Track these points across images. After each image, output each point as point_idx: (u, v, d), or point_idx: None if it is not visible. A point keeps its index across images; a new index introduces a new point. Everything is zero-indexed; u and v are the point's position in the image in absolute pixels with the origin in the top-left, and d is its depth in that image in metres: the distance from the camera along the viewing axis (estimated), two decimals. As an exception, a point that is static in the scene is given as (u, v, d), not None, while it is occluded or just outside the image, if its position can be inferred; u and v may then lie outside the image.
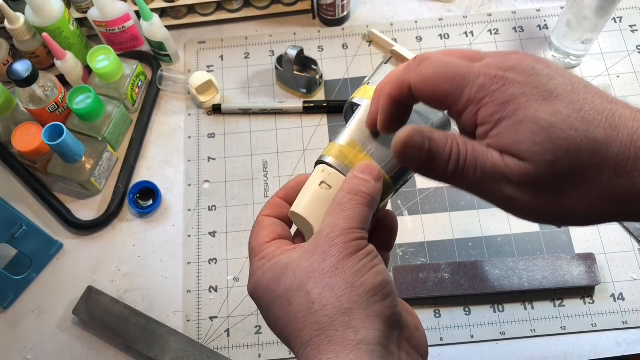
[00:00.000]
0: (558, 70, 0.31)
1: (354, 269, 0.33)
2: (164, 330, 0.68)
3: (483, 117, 0.31)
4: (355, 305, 0.32)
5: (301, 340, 0.33)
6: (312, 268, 0.33)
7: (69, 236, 0.76)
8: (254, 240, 0.38)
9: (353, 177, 0.36)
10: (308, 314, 0.32)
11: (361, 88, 0.41)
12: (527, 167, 0.30)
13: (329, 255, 0.33)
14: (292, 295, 0.33)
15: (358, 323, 0.31)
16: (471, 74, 0.31)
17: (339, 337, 0.31)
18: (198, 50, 0.87)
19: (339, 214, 0.35)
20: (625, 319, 0.67)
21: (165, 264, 0.74)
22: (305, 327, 0.32)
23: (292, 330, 0.33)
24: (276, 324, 0.35)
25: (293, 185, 0.40)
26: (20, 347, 0.70)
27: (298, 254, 0.35)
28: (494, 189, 0.33)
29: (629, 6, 0.85)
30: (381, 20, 0.87)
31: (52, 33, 0.76)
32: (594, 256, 0.68)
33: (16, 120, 0.75)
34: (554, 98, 0.29)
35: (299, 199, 0.38)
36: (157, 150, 0.80)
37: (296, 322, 0.33)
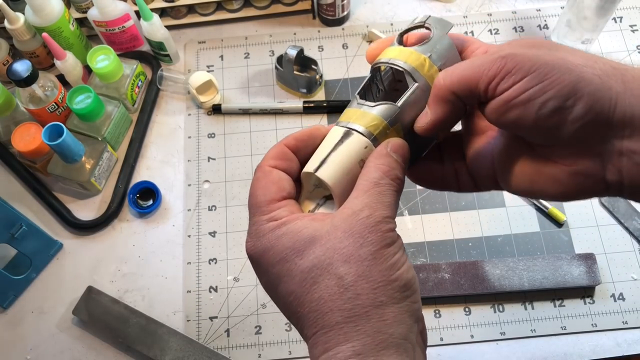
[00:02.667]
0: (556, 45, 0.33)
1: (390, 261, 0.32)
2: (163, 331, 0.68)
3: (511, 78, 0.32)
4: (390, 300, 0.31)
5: (322, 322, 0.31)
6: (347, 251, 0.31)
7: (69, 236, 0.76)
8: (261, 195, 0.35)
9: (388, 155, 0.34)
10: (338, 299, 0.31)
11: (394, 48, 0.37)
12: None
13: (368, 242, 0.31)
14: (320, 275, 0.31)
15: (390, 317, 0.31)
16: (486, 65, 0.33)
17: (370, 329, 0.31)
18: (198, 50, 0.87)
19: (377, 197, 0.33)
20: (625, 319, 0.67)
21: (165, 264, 0.74)
22: (331, 310, 0.31)
23: (311, 310, 0.31)
24: (287, 297, 0.33)
25: (305, 137, 0.37)
26: (20, 347, 0.70)
27: (326, 228, 0.32)
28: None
29: (629, 6, 0.85)
30: (381, 20, 0.87)
31: (52, 33, 0.75)
32: (594, 256, 0.68)
33: (16, 120, 0.75)
34: (575, 53, 0.32)
35: (327, 165, 0.34)
36: (157, 150, 0.80)
37: (320, 303, 0.31)
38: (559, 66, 0.30)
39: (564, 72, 0.30)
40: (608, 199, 0.72)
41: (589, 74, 0.30)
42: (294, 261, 0.32)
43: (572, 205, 0.73)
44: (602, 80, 0.30)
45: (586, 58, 0.31)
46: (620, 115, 0.30)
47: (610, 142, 0.31)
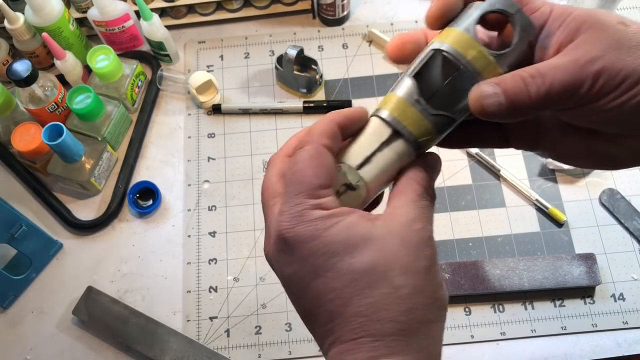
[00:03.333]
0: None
1: (437, 280, 0.31)
2: (163, 331, 0.68)
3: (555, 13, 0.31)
4: (435, 318, 0.31)
5: (371, 329, 0.29)
6: (404, 262, 0.30)
7: (69, 236, 0.76)
8: (313, 176, 0.31)
9: (429, 169, 0.34)
10: (394, 310, 0.29)
11: (466, 38, 0.32)
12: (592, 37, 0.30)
13: (423, 256, 0.30)
14: (376, 280, 0.30)
15: (434, 336, 0.31)
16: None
17: (418, 346, 0.30)
18: (198, 50, 0.87)
19: (424, 211, 0.32)
20: (625, 319, 0.67)
21: (165, 264, 0.73)
22: (384, 320, 0.30)
23: (358, 315, 0.30)
24: (325, 293, 0.30)
25: (356, 119, 0.34)
26: (20, 347, 0.70)
27: (380, 230, 0.31)
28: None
29: (629, 6, 0.85)
30: (381, 20, 0.87)
31: (51, 33, 0.75)
32: (595, 256, 0.68)
33: (16, 120, 0.75)
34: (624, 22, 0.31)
35: (371, 166, 0.33)
36: (157, 150, 0.80)
37: (372, 310, 0.29)
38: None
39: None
40: (608, 199, 0.72)
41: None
42: (344, 258, 0.30)
43: (572, 206, 0.73)
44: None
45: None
46: None
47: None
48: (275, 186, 0.34)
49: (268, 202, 0.34)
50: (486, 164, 0.75)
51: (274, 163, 0.36)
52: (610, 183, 0.74)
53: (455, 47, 0.31)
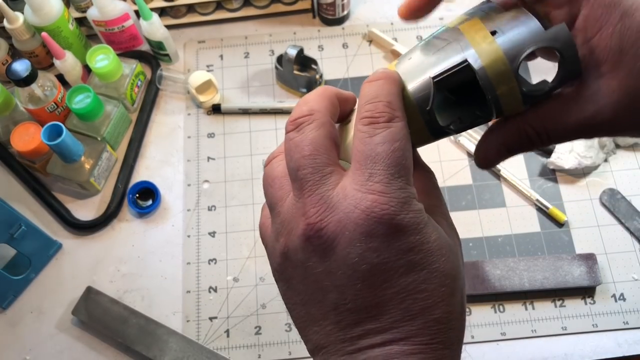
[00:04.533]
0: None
1: None
2: (163, 331, 0.68)
3: (585, 19, 0.28)
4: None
5: (444, 338, 0.28)
6: (463, 274, 0.30)
7: (68, 236, 0.76)
8: (409, 158, 0.28)
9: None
10: (460, 319, 0.29)
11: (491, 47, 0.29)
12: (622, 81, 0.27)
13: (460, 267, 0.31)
14: (456, 289, 0.28)
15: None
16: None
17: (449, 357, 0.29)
18: (197, 49, 0.86)
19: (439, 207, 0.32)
20: (626, 320, 0.67)
21: (165, 264, 0.73)
22: (454, 330, 0.29)
23: (440, 321, 0.28)
24: (416, 294, 0.27)
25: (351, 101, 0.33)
26: (19, 348, 0.70)
27: (447, 235, 0.30)
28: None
29: (630, 5, 0.85)
30: (381, 20, 0.87)
31: (51, 32, 0.75)
32: (595, 256, 0.68)
33: (15, 120, 0.74)
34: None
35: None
36: (157, 150, 0.80)
37: (450, 318, 0.28)
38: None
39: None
40: (609, 199, 0.72)
41: None
42: (439, 260, 0.28)
43: (572, 206, 0.73)
44: None
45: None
46: None
47: None
48: (332, 152, 0.29)
49: (324, 168, 0.29)
50: (486, 163, 0.75)
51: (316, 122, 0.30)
52: (611, 183, 0.74)
53: (489, 74, 0.29)
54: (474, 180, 0.75)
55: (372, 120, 0.28)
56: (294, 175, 0.29)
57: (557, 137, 0.30)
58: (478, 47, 0.29)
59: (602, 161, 0.74)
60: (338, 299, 0.28)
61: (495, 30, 0.29)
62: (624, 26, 0.27)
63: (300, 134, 0.29)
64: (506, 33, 0.28)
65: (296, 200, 0.29)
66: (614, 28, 0.27)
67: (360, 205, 0.27)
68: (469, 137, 0.77)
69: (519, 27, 0.28)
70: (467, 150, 0.77)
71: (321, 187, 0.28)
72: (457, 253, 0.30)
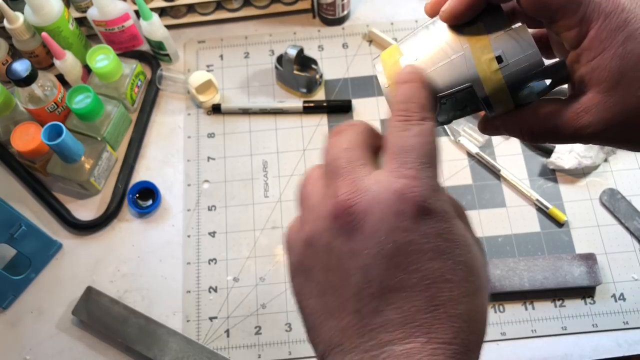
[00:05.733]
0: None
1: None
2: (163, 331, 0.68)
3: (591, 40, 0.29)
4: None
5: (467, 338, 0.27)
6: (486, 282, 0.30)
7: (68, 236, 0.76)
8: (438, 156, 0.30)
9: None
10: (481, 325, 0.28)
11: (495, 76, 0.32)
12: (618, 101, 0.30)
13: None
14: (479, 289, 0.28)
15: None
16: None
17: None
18: (197, 49, 0.86)
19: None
20: (626, 319, 0.67)
21: (165, 264, 0.73)
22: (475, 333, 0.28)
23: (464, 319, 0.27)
24: (442, 283, 0.27)
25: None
26: (19, 348, 0.70)
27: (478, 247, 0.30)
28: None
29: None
30: (381, 20, 0.87)
31: (51, 32, 0.75)
32: (595, 256, 0.68)
33: (15, 119, 0.74)
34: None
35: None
36: (157, 150, 0.80)
37: (472, 319, 0.27)
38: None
39: None
40: (609, 199, 0.72)
41: None
42: (464, 253, 0.28)
43: (572, 206, 0.73)
44: None
45: None
46: None
47: None
48: (368, 151, 0.30)
49: (357, 160, 0.29)
50: (486, 163, 0.75)
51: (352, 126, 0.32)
52: (611, 183, 0.74)
53: (491, 100, 0.32)
54: (474, 180, 0.75)
55: (406, 117, 0.29)
56: (329, 166, 0.30)
57: (553, 139, 0.32)
58: (484, 73, 0.31)
59: (602, 161, 0.75)
60: (361, 281, 0.27)
61: (500, 56, 0.31)
62: (626, 50, 0.28)
63: (340, 135, 0.31)
64: (510, 63, 0.31)
65: (327, 187, 0.29)
66: (616, 50, 0.29)
67: (392, 187, 0.27)
68: (469, 137, 0.77)
69: (524, 59, 0.31)
70: (467, 150, 0.77)
71: (354, 174, 0.28)
72: (482, 257, 0.30)
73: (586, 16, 0.29)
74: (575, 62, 0.31)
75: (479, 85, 0.31)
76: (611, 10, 0.29)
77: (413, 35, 0.34)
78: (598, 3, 0.29)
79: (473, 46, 0.31)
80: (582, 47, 0.30)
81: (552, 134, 0.32)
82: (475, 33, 0.31)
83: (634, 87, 0.29)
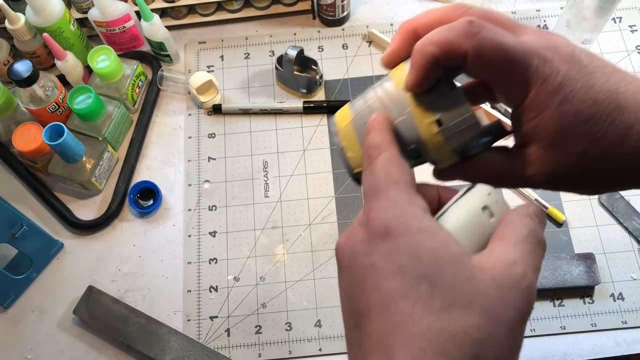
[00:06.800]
0: (592, 53, 0.32)
1: (519, 342, 0.28)
2: (164, 330, 0.68)
3: (531, 101, 0.31)
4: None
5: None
6: (489, 302, 0.27)
7: (70, 236, 0.76)
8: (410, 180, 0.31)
9: (531, 217, 0.32)
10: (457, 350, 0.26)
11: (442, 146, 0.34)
12: (557, 156, 0.32)
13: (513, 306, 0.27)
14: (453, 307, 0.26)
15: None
16: (527, 53, 0.31)
17: None
18: (198, 50, 0.87)
19: (529, 255, 0.29)
20: (624, 319, 0.67)
21: (166, 263, 0.74)
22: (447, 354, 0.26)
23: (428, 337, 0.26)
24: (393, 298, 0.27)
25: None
26: (20, 347, 0.70)
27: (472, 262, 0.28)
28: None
29: (628, 6, 0.85)
30: (381, 20, 0.87)
31: (52, 33, 0.76)
32: (594, 256, 0.68)
33: (17, 120, 0.75)
34: (594, 85, 0.30)
35: (447, 214, 0.32)
36: (158, 150, 0.80)
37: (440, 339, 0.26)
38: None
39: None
40: (608, 199, 0.73)
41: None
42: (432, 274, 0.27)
43: (571, 205, 0.73)
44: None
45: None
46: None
47: None
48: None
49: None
50: (486, 164, 0.76)
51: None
52: (610, 183, 0.74)
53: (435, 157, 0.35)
54: (473, 180, 0.75)
55: (368, 161, 0.33)
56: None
57: (503, 185, 0.35)
58: (426, 136, 0.34)
59: (601, 161, 0.75)
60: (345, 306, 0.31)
61: (440, 119, 0.33)
62: (562, 110, 0.30)
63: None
64: (449, 126, 0.33)
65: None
66: (554, 112, 0.31)
67: (358, 220, 0.31)
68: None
69: (461, 122, 0.33)
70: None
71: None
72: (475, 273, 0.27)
73: (527, 79, 0.31)
74: (518, 118, 0.33)
75: (424, 147, 0.34)
76: (549, 74, 0.31)
77: (362, 97, 0.36)
78: (537, 67, 0.31)
79: (415, 110, 0.34)
80: (524, 106, 0.32)
81: (502, 181, 0.35)
82: (417, 97, 0.34)
83: (571, 145, 0.31)
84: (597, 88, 0.30)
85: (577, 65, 0.31)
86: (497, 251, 0.29)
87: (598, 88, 0.30)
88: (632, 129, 0.30)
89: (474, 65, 0.31)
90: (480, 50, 0.30)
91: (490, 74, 0.32)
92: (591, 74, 0.31)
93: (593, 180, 0.32)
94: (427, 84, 0.33)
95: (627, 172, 0.32)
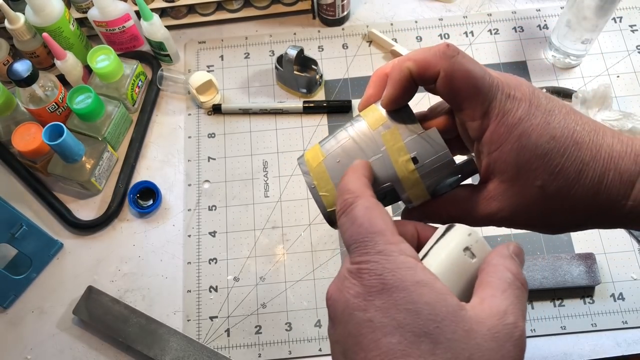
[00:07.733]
0: (550, 95, 0.34)
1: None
2: (164, 330, 0.68)
3: (491, 134, 0.32)
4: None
5: None
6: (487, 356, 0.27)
7: (69, 236, 0.76)
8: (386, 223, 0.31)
9: (512, 257, 0.31)
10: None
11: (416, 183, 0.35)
12: (517, 191, 0.33)
13: (509, 357, 0.28)
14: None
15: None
16: (493, 86, 0.32)
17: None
18: (198, 50, 0.87)
19: (516, 302, 0.29)
20: (625, 319, 0.67)
21: (165, 263, 0.74)
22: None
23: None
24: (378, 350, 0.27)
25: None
26: (20, 347, 0.70)
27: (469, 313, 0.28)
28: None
29: (629, 6, 0.85)
30: (381, 20, 0.87)
31: (52, 33, 0.76)
32: (594, 256, 0.68)
33: (16, 120, 0.75)
34: (552, 122, 0.32)
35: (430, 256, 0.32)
36: (157, 150, 0.80)
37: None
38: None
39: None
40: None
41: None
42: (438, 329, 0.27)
43: (571, 205, 0.73)
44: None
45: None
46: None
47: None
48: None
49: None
50: (486, 164, 0.76)
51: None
52: (610, 183, 0.74)
53: (410, 196, 0.36)
54: (473, 179, 0.75)
55: (342, 209, 0.32)
56: None
57: (469, 223, 0.35)
58: (402, 174, 0.35)
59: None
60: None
61: (416, 157, 0.34)
62: (521, 145, 0.32)
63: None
64: (425, 163, 0.34)
65: None
66: (513, 145, 0.32)
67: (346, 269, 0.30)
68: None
69: (437, 159, 0.34)
70: (466, 153, 0.77)
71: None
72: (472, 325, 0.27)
73: (488, 111, 0.32)
74: (480, 152, 0.34)
75: (399, 184, 0.35)
76: (509, 108, 0.32)
77: (333, 137, 0.37)
78: (499, 100, 0.32)
79: (390, 149, 0.34)
80: (484, 140, 0.33)
81: (469, 219, 0.35)
82: (391, 136, 0.35)
83: (530, 178, 0.32)
84: (554, 125, 0.32)
85: (537, 104, 0.32)
86: (488, 300, 0.29)
87: (555, 125, 0.32)
88: (588, 165, 0.31)
89: (444, 85, 0.33)
90: (452, 73, 0.32)
91: (457, 97, 0.33)
92: (549, 112, 0.32)
93: (554, 218, 0.33)
94: (402, 99, 0.34)
95: (586, 210, 0.32)
